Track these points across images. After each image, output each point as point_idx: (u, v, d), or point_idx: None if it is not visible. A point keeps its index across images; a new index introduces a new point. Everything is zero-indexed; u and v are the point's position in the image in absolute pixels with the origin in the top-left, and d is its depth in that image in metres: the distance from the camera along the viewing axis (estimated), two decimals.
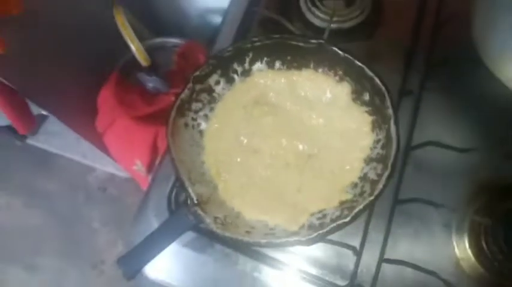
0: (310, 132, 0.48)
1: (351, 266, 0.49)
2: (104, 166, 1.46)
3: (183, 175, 0.42)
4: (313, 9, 0.59)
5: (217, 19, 1.12)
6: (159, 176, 0.56)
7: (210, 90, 0.49)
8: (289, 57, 0.50)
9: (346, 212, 0.42)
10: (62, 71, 0.90)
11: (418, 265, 0.47)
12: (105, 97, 0.96)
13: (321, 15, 0.58)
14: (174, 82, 0.94)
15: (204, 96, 0.49)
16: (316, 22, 0.59)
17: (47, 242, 1.45)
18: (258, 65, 0.50)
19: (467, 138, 0.52)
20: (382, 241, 0.49)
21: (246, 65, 0.50)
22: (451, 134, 0.53)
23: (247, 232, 0.42)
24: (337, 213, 0.43)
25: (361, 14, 0.58)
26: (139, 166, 1.00)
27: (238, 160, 0.48)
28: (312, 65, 0.49)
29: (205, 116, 0.49)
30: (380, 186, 0.40)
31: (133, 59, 0.85)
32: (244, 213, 0.45)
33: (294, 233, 0.42)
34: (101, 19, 0.86)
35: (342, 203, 0.44)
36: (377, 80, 0.44)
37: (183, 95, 0.46)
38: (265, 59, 0.50)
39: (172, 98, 0.90)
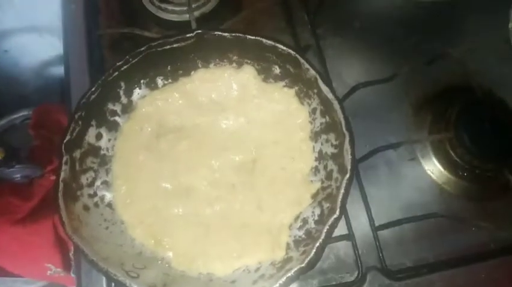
0: (237, 137, 0.40)
1: (350, 255, 0.42)
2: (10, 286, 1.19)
3: (118, 274, 0.30)
4: (164, 5, 0.49)
5: (57, 68, 0.96)
6: (84, 279, 0.42)
7: (94, 150, 0.37)
8: (169, 68, 0.40)
9: (326, 204, 0.35)
10: None
11: (411, 217, 0.42)
12: None
13: (176, 8, 0.49)
14: (44, 159, 0.77)
15: (90, 161, 0.36)
16: (175, 18, 0.49)
17: None
18: (137, 93, 0.39)
19: (386, 65, 0.48)
20: (365, 210, 0.43)
21: (124, 99, 0.39)
22: (368, 70, 0.49)
23: None
24: (317, 211, 0.35)
25: None
26: (53, 269, 0.82)
27: (174, 212, 0.37)
28: (199, 64, 0.40)
29: (105, 183, 0.37)
30: (349, 157, 0.33)
31: None
32: (216, 272, 0.34)
33: (286, 261, 0.34)
34: None
35: (314, 196, 0.37)
36: (280, 46, 0.37)
37: (63, 175, 0.33)
38: (142, 81, 0.39)
39: (52, 178, 0.75)
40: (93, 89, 0.36)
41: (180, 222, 0.36)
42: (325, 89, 0.36)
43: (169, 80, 0.40)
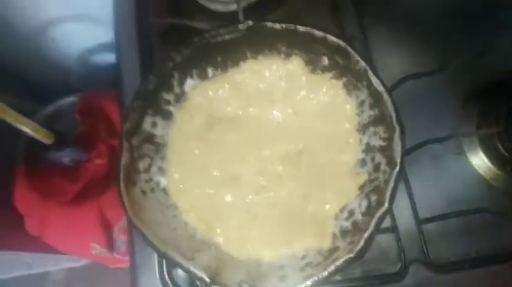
0: (284, 128, 0.40)
1: (393, 247, 0.42)
2: (57, 264, 1.26)
3: (176, 255, 0.32)
4: None
5: (100, 57, 0.99)
6: (137, 257, 0.44)
7: (150, 138, 0.39)
8: (219, 58, 0.41)
9: (374, 197, 0.35)
10: None
11: (458, 211, 0.42)
12: (22, 198, 0.79)
13: None
14: (90, 144, 0.80)
15: (147, 148, 0.38)
16: (221, 8, 0.50)
17: None
18: (189, 83, 0.41)
19: (434, 57, 0.47)
20: (409, 203, 0.43)
21: (176, 89, 0.40)
22: (415, 62, 0.48)
23: (282, 277, 0.34)
24: (364, 203, 0.36)
25: None
26: (98, 249, 0.87)
27: (223, 199, 0.38)
28: (248, 55, 0.41)
29: (160, 169, 0.39)
30: (399, 150, 0.33)
31: (34, 140, 0.70)
32: (264, 256, 0.36)
33: (333, 250, 0.34)
34: None
35: (361, 188, 0.37)
36: (330, 37, 0.37)
37: (123, 161, 0.35)
38: (194, 71, 0.40)
39: (98, 161, 0.78)
40: (150, 78, 0.37)
41: (229, 209, 0.38)
42: (375, 81, 0.36)
43: (219, 71, 0.41)
